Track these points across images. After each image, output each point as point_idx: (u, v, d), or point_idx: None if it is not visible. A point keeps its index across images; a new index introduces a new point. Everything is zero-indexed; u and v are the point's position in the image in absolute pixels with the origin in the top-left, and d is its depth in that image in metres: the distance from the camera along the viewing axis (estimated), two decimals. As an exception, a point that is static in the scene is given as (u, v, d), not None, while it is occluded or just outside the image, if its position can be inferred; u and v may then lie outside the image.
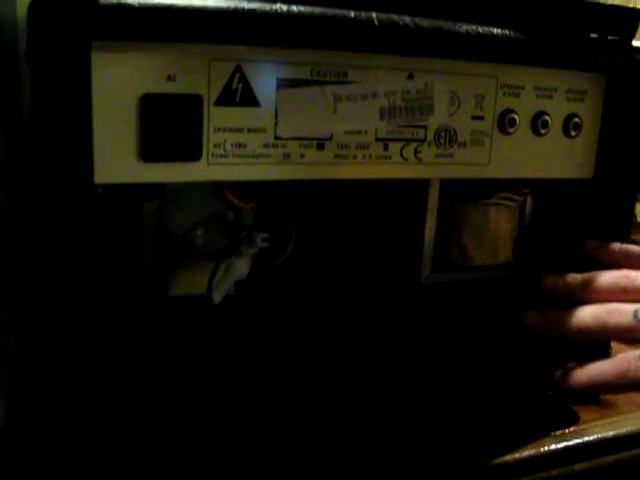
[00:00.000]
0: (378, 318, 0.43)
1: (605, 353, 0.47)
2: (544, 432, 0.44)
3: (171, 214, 0.40)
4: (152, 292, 0.40)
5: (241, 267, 0.40)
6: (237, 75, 0.35)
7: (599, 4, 0.41)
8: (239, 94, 0.36)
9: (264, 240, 0.39)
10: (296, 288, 0.42)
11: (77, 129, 0.33)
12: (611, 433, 0.45)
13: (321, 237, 0.42)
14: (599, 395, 0.48)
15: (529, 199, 0.45)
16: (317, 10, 0.35)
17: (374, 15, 0.36)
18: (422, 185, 0.42)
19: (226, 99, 0.35)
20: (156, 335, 0.40)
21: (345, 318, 0.42)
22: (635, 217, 0.57)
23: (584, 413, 0.47)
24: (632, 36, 0.42)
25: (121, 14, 0.32)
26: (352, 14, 0.36)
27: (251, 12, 0.34)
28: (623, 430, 0.45)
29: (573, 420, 0.46)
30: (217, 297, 0.39)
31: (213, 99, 0.35)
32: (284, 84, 0.36)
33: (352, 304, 0.43)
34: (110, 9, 0.32)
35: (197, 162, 0.35)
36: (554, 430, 0.45)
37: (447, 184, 0.43)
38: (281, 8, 0.34)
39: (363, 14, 0.36)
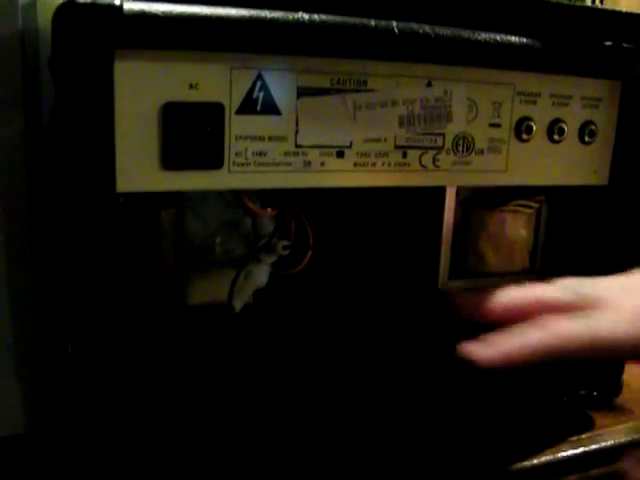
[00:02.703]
0: (396, 324, 0.43)
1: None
2: (560, 438, 0.44)
3: (189, 222, 0.40)
4: (171, 300, 0.40)
5: (261, 275, 0.40)
6: (258, 83, 0.35)
7: (614, 11, 0.41)
8: (260, 102, 0.36)
9: (285, 248, 0.39)
10: (314, 295, 0.42)
11: (100, 137, 0.33)
12: (627, 438, 0.45)
13: (339, 244, 0.42)
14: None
15: (545, 206, 0.45)
16: (338, 19, 0.35)
17: (394, 24, 0.36)
18: (439, 192, 0.43)
19: (247, 107, 0.35)
20: (175, 343, 0.40)
21: (363, 324, 0.43)
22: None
23: (599, 419, 0.47)
24: (647, 43, 0.42)
25: (145, 23, 0.32)
26: (373, 23, 0.36)
27: (273, 21, 0.34)
28: (638, 436, 0.46)
29: (589, 426, 0.46)
30: (238, 305, 0.39)
31: (235, 107, 0.35)
32: (304, 92, 0.36)
33: (370, 310, 0.43)
34: (134, 18, 0.32)
35: (219, 170, 0.35)
36: (570, 435, 0.45)
37: (464, 190, 0.43)
38: (303, 17, 0.35)
39: (383, 23, 0.36)
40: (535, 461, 0.43)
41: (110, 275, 0.35)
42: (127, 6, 0.32)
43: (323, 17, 0.35)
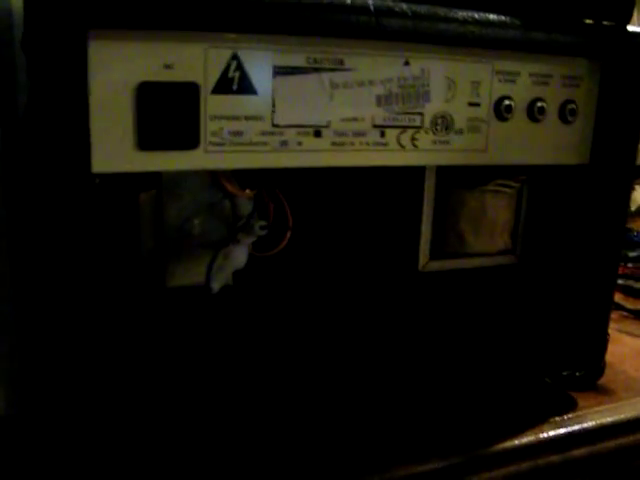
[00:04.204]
0: (376, 306, 0.43)
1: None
2: (543, 418, 0.45)
3: (168, 204, 0.40)
4: (150, 283, 0.40)
5: (239, 256, 0.40)
6: (234, 63, 0.35)
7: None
8: (236, 82, 0.35)
9: (262, 228, 0.39)
10: (293, 277, 0.42)
11: (74, 118, 0.33)
12: (609, 419, 0.45)
13: (318, 225, 0.42)
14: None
15: (526, 185, 0.45)
16: (313, -3, 0.35)
17: (370, 2, 0.36)
18: (419, 172, 0.42)
19: (223, 87, 0.35)
20: (155, 326, 0.40)
21: (343, 307, 0.42)
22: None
23: (582, 400, 0.47)
24: (627, 21, 0.42)
25: (117, 2, 0.32)
26: (348, 0, 0.36)
27: (247, 1, 0.34)
28: (621, 416, 0.46)
29: (571, 406, 0.46)
30: (216, 286, 0.39)
31: (210, 87, 0.35)
32: (281, 72, 0.36)
33: (350, 292, 0.43)
34: (104, -2, 0.32)
35: (194, 150, 0.35)
36: (553, 416, 0.45)
37: (444, 171, 0.43)
38: (277, -5, 0.34)
39: (359, 0, 0.36)
40: (517, 442, 0.43)
41: (88, 258, 0.35)
42: (97, -16, 0.32)
43: (298, -5, 0.35)
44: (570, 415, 0.45)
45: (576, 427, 0.44)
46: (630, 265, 0.71)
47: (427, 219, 0.43)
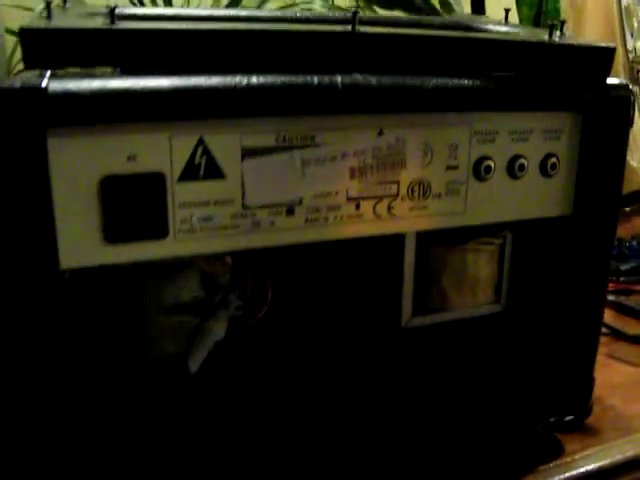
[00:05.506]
0: (361, 365, 0.43)
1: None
2: (529, 468, 0.45)
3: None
4: (133, 357, 0.40)
5: (218, 330, 0.39)
6: (200, 149, 0.34)
7: (572, 45, 0.40)
8: (203, 168, 0.35)
9: (238, 308, 0.38)
10: (277, 341, 0.41)
11: (39, 216, 0.32)
12: (595, 465, 0.45)
13: (299, 290, 0.41)
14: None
15: (509, 237, 0.44)
16: (279, 80, 0.34)
17: (338, 79, 0.35)
18: (398, 235, 0.42)
19: (190, 174, 0.34)
20: (142, 398, 0.40)
21: (329, 368, 0.42)
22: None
23: (568, 443, 0.47)
24: (607, 73, 0.41)
25: (72, 102, 0.31)
26: (315, 80, 0.35)
27: (210, 88, 0.33)
28: (607, 461, 0.46)
29: (557, 453, 0.46)
30: (194, 366, 0.39)
31: (176, 175, 0.34)
32: (249, 153, 0.35)
33: (335, 353, 0.42)
34: (59, 98, 0.31)
35: (164, 239, 0.35)
36: (538, 465, 0.45)
37: (424, 232, 0.42)
38: (241, 81, 0.33)
39: (327, 79, 0.35)
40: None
41: (64, 345, 0.35)
42: (52, 87, 0.31)
43: (262, 79, 0.34)
44: (557, 462, 0.45)
45: (567, 474, 0.45)
46: (622, 279, 0.70)
47: (409, 279, 0.42)
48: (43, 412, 0.35)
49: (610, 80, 0.41)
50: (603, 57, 0.40)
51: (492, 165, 0.40)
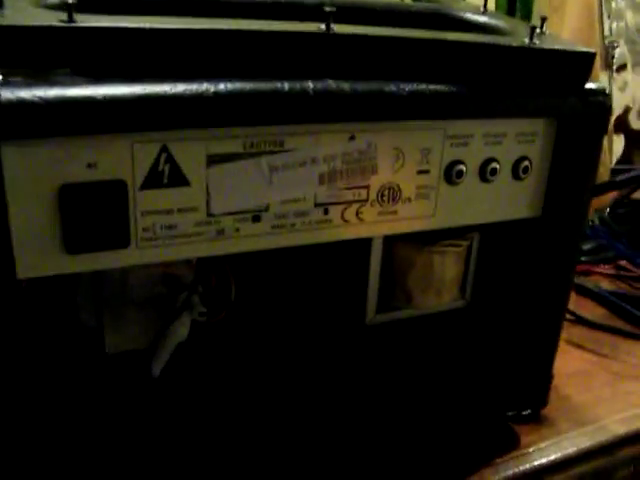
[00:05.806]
0: (326, 362, 0.43)
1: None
2: (485, 460, 0.46)
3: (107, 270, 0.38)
4: (91, 354, 0.39)
5: (181, 331, 0.39)
6: (163, 155, 0.33)
7: (551, 50, 0.38)
8: (166, 175, 0.33)
9: (201, 315, 0.38)
10: (242, 339, 0.41)
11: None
12: (551, 458, 0.47)
13: (264, 289, 0.41)
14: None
15: (477, 238, 0.44)
16: (248, 87, 0.32)
17: (310, 85, 0.34)
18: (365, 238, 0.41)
19: (153, 182, 0.33)
20: (101, 396, 0.39)
21: (292, 365, 0.42)
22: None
23: (524, 434, 0.48)
24: (585, 79, 0.40)
25: (24, 112, 0.29)
26: (286, 87, 0.33)
27: (175, 97, 0.31)
28: (559, 454, 0.47)
29: (513, 445, 0.47)
30: (157, 369, 0.38)
31: (139, 183, 0.33)
32: (215, 160, 0.34)
33: (300, 350, 0.42)
34: (11, 108, 0.29)
35: (126, 249, 0.34)
36: (494, 458, 0.46)
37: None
38: (208, 90, 0.32)
39: (298, 85, 0.33)
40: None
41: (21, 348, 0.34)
42: (5, 96, 0.29)
43: (230, 86, 0.32)
44: (512, 454, 0.46)
45: (521, 468, 0.46)
46: (583, 259, 0.70)
47: (374, 280, 0.42)
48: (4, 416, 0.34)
49: (589, 85, 0.40)
50: (583, 62, 0.39)
51: (464, 169, 0.39)
